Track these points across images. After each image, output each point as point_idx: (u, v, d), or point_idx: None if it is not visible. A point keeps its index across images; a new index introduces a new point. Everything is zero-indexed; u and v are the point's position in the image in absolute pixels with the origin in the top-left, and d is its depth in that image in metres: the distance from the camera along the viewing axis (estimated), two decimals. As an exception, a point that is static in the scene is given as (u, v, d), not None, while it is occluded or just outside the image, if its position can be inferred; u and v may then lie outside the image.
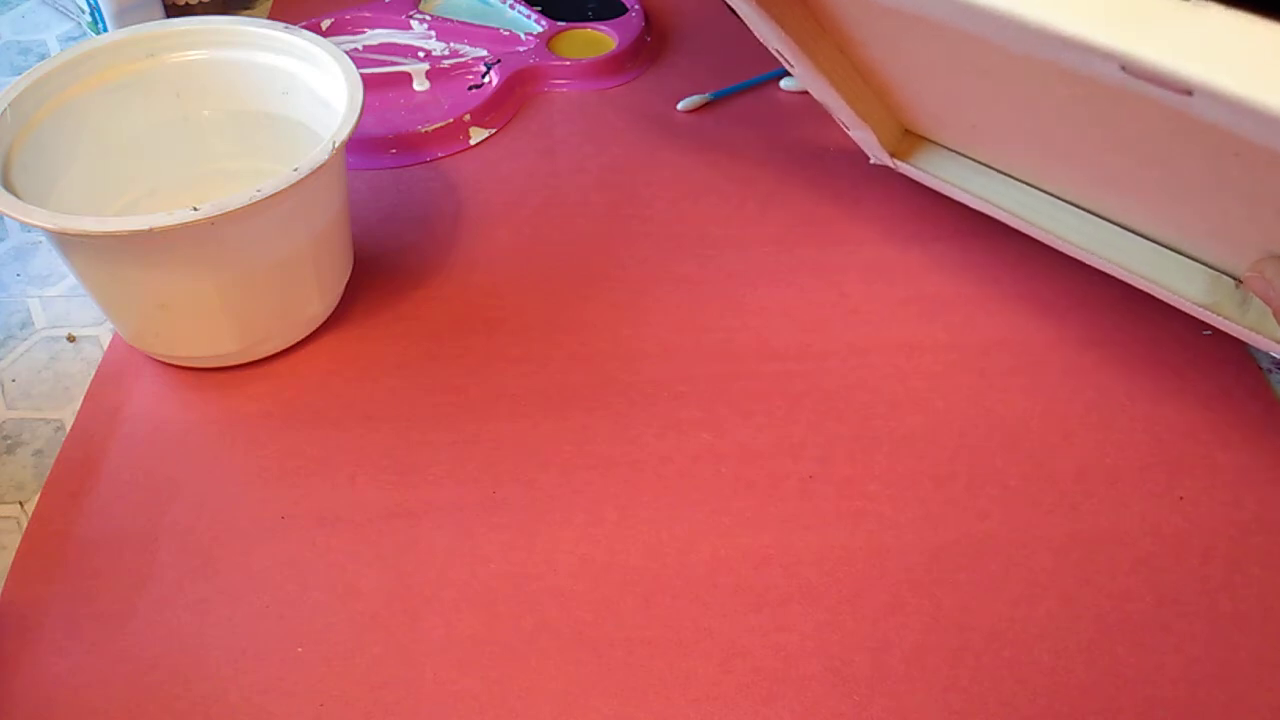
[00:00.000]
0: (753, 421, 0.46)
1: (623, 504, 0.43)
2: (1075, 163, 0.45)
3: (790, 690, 0.37)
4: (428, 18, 0.68)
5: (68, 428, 0.46)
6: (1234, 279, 0.45)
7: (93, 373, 0.48)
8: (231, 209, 0.40)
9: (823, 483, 0.44)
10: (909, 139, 0.55)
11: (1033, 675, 0.38)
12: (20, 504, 0.44)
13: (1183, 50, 0.29)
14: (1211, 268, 0.45)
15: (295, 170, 0.42)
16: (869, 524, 0.42)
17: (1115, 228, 0.47)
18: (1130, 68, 0.30)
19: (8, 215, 0.41)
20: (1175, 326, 0.50)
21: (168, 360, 0.48)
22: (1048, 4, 0.31)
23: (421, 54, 0.67)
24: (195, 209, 0.40)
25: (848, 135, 0.56)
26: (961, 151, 0.52)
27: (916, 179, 0.55)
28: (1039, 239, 0.49)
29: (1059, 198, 0.49)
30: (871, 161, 0.57)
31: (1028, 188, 0.50)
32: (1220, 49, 0.28)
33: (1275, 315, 0.40)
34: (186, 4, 0.71)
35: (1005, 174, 0.51)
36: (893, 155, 0.54)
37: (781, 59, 0.51)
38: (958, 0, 0.32)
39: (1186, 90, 0.29)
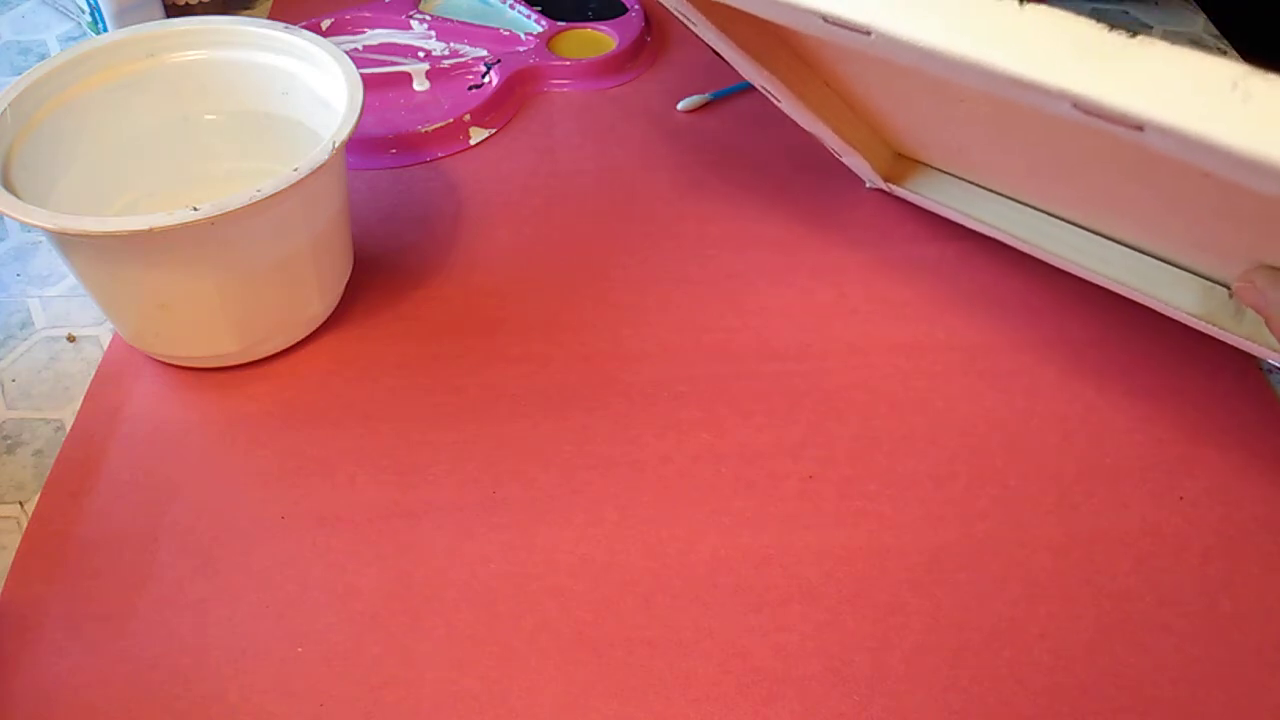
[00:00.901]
0: (753, 421, 0.46)
1: (623, 504, 0.43)
2: (1059, 181, 0.45)
3: (790, 690, 0.37)
4: (428, 18, 0.68)
5: (68, 428, 0.46)
6: (1227, 288, 0.45)
7: (93, 373, 0.48)
8: (231, 209, 0.40)
9: (823, 483, 0.44)
10: (901, 163, 0.55)
11: (1033, 675, 0.38)
12: (20, 504, 0.44)
13: (1132, 87, 0.29)
14: (1204, 278, 0.45)
15: (295, 170, 0.42)
16: (869, 524, 0.42)
17: (1107, 242, 0.47)
18: (1081, 105, 0.30)
19: (8, 215, 0.41)
20: (1175, 327, 0.49)
21: (168, 360, 0.48)
22: (999, 44, 0.31)
23: (421, 54, 0.67)
24: (195, 209, 0.40)
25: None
26: (952, 173, 0.53)
27: (911, 201, 0.55)
28: (1032, 255, 0.50)
29: (1050, 214, 0.49)
30: (868, 186, 0.57)
31: (1019, 205, 0.50)
32: (1166, 84, 0.29)
33: (1268, 324, 0.40)
34: (186, 4, 0.71)
35: (996, 193, 0.51)
36: (886, 179, 0.54)
37: (768, 94, 0.51)
38: (912, 44, 0.33)
39: (1138, 126, 0.29)
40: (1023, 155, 0.44)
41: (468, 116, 0.61)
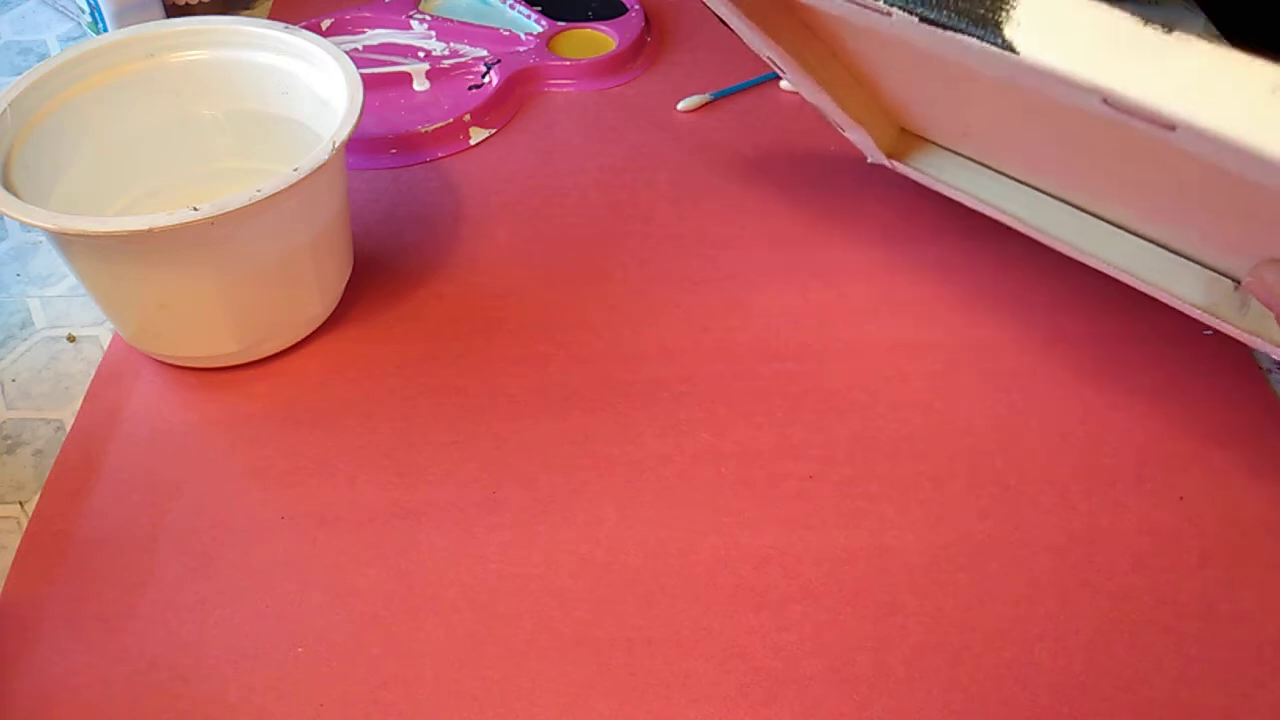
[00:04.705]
0: (753, 421, 0.46)
1: (623, 504, 0.43)
2: (1068, 167, 0.45)
3: (790, 690, 0.37)
4: (428, 18, 0.68)
5: (68, 428, 0.46)
6: (1233, 280, 0.45)
7: (93, 373, 0.48)
8: (231, 209, 0.40)
9: (823, 483, 0.44)
10: (906, 139, 0.54)
11: (1033, 675, 0.38)
12: (20, 504, 0.44)
13: (1166, 85, 0.28)
14: (1210, 268, 0.45)
15: (295, 170, 0.42)
16: (869, 524, 0.42)
17: (1114, 229, 0.47)
18: (1113, 102, 0.30)
19: (8, 215, 0.41)
20: (1175, 326, 0.50)
21: (168, 360, 0.48)
22: (1031, 35, 0.31)
23: (421, 54, 0.67)
24: (195, 209, 0.40)
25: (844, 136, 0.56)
26: (959, 151, 0.52)
27: (914, 179, 0.54)
28: (1037, 239, 0.49)
29: (1057, 198, 0.49)
30: (869, 160, 0.57)
31: (1025, 188, 0.50)
32: (1203, 85, 0.28)
33: (1278, 319, 0.40)
34: (186, 4, 0.71)
35: (1002, 174, 0.51)
36: (889, 156, 0.54)
37: (773, 65, 0.51)
38: (939, 32, 0.32)
39: (1170, 126, 0.29)
40: (1032, 140, 0.44)
41: (468, 116, 0.61)
